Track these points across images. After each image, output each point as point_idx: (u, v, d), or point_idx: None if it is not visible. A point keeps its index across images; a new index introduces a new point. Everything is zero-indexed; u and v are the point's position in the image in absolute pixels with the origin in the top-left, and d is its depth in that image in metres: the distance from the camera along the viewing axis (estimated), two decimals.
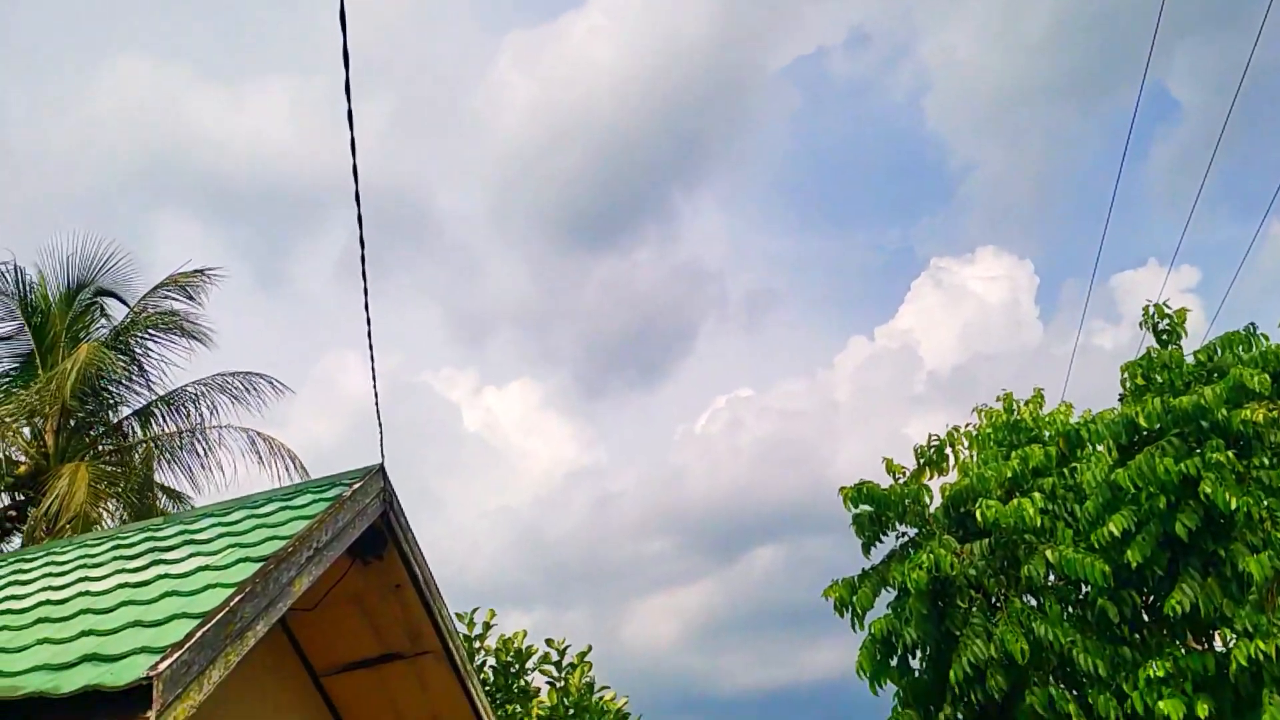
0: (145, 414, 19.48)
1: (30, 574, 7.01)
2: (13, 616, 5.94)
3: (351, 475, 7.64)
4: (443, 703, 8.89)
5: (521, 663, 18.28)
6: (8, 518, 17.75)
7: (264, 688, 7.64)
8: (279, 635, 8.08)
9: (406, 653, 8.57)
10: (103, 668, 4.86)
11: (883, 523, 14.28)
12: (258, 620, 5.61)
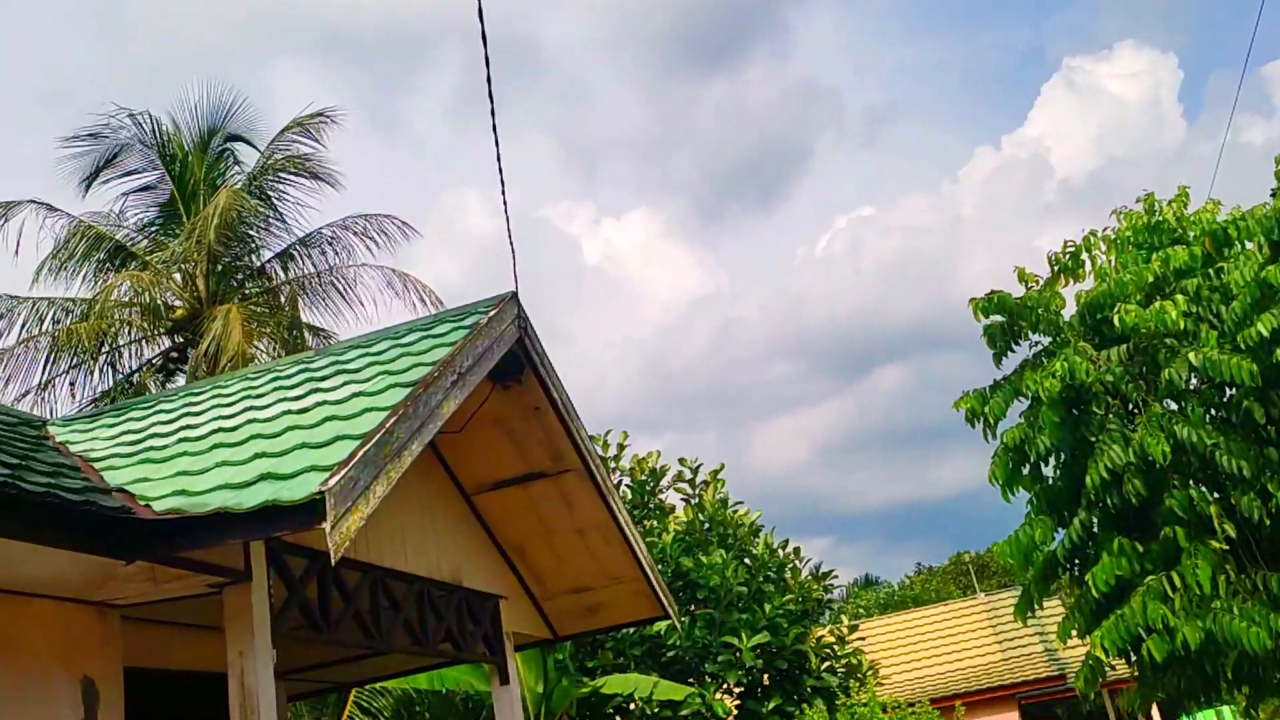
0: (285, 256, 20.26)
1: (200, 406, 7.53)
2: (190, 444, 6.43)
3: (486, 303, 7.89)
4: (586, 518, 9.35)
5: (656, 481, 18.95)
6: (170, 359, 18.93)
7: (421, 504, 8.15)
8: (430, 457, 8.56)
9: (549, 471, 9.00)
10: (278, 485, 5.26)
11: (1015, 332, 14.05)
12: (412, 440, 5.96)
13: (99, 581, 5.84)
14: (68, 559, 5.33)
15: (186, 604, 6.62)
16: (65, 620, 6.06)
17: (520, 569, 9.78)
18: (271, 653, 5.95)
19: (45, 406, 17.90)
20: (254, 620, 5.88)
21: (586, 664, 14.32)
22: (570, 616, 10.39)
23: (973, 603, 33.06)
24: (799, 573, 16.66)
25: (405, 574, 7.74)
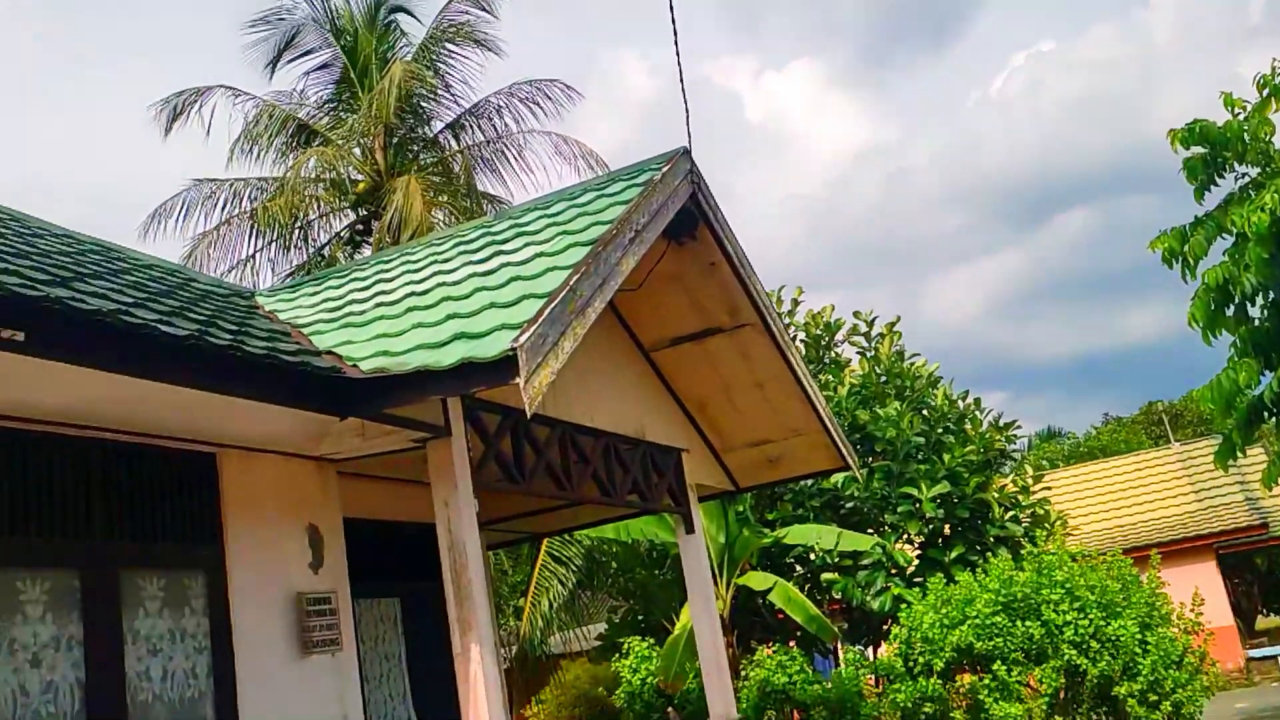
0: (456, 126, 20.64)
1: (392, 273, 7.88)
2: (386, 308, 6.76)
3: (659, 160, 7.88)
4: (764, 371, 9.42)
5: (831, 336, 18.82)
6: (356, 231, 19.76)
7: (604, 362, 8.38)
8: (610, 315, 8.74)
9: (726, 326, 9.07)
10: (472, 343, 5.51)
11: (1218, 165, 13.05)
12: (595, 297, 6.10)
13: (316, 437, 6.31)
14: (289, 416, 5.77)
15: (393, 460, 7.08)
16: (291, 474, 6.60)
17: (701, 423, 9.99)
18: (474, 502, 6.33)
19: (249, 280, 19.10)
20: (456, 472, 6.24)
21: (766, 516, 14.63)
22: (750, 469, 10.60)
23: (1166, 452, 31.87)
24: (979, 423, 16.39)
25: (592, 429, 8.03)
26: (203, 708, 5.74)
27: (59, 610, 5.16)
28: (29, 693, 4.93)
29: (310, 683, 6.32)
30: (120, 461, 5.59)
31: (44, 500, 5.17)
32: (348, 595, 6.81)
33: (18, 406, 4.94)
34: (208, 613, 5.91)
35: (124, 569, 5.51)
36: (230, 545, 6.08)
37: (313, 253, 19.51)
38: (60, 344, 4.27)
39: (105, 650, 5.29)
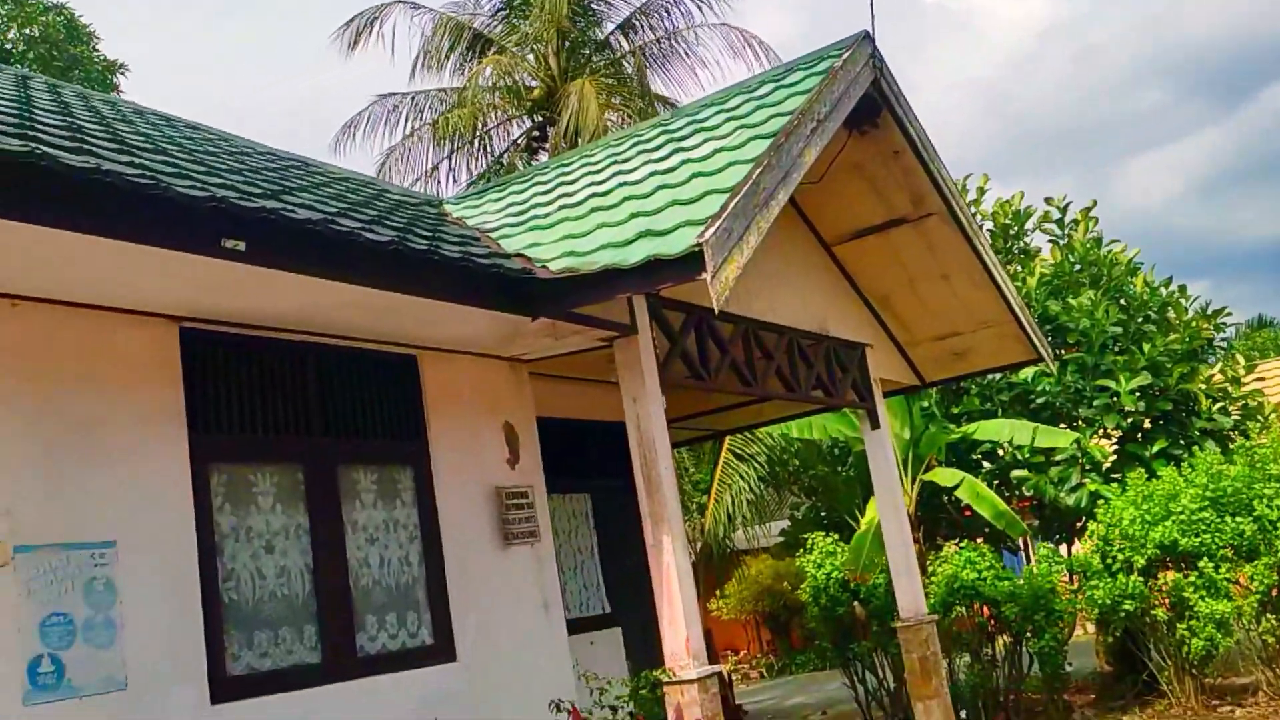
0: (626, 27, 20.47)
1: (573, 176, 7.96)
2: (570, 210, 6.86)
3: (838, 47, 7.62)
4: (951, 261, 9.12)
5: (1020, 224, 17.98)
6: (533, 138, 20.02)
7: (785, 257, 8.29)
8: (790, 210, 8.60)
9: (910, 216, 8.79)
10: (656, 241, 5.54)
11: None
12: (778, 190, 6.02)
13: (509, 338, 6.52)
14: (482, 318, 5.97)
15: (581, 361, 7.27)
16: (486, 374, 6.87)
17: (885, 317, 9.80)
18: (661, 399, 6.43)
19: (434, 192, 19.70)
20: (643, 369, 6.34)
21: (952, 410, 14.29)
22: (937, 362, 10.37)
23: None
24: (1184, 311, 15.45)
25: (775, 325, 7.99)
26: (416, 592, 6.13)
27: (287, 501, 5.58)
28: (265, 576, 5.38)
29: (511, 571, 6.66)
30: (334, 364, 5.94)
31: (270, 400, 5.55)
32: (543, 489, 7.09)
33: (243, 314, 5.30)
34: (416, 504, 6.27)
35: (341, 464, 5.90)
36: (434, 442, 6.41)
37: (491, 161, 19.91)
38: (275, 252, 4.54)
39: (328, 538, 5.70)
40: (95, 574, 4.56)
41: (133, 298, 4.85)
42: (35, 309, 4.60)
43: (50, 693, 4.29)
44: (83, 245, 4.03)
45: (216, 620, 5.00)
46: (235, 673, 5.07)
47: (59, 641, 4.37)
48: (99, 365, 4.79)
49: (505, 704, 6.10)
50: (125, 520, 4.71)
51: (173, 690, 4.70)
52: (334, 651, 5.53)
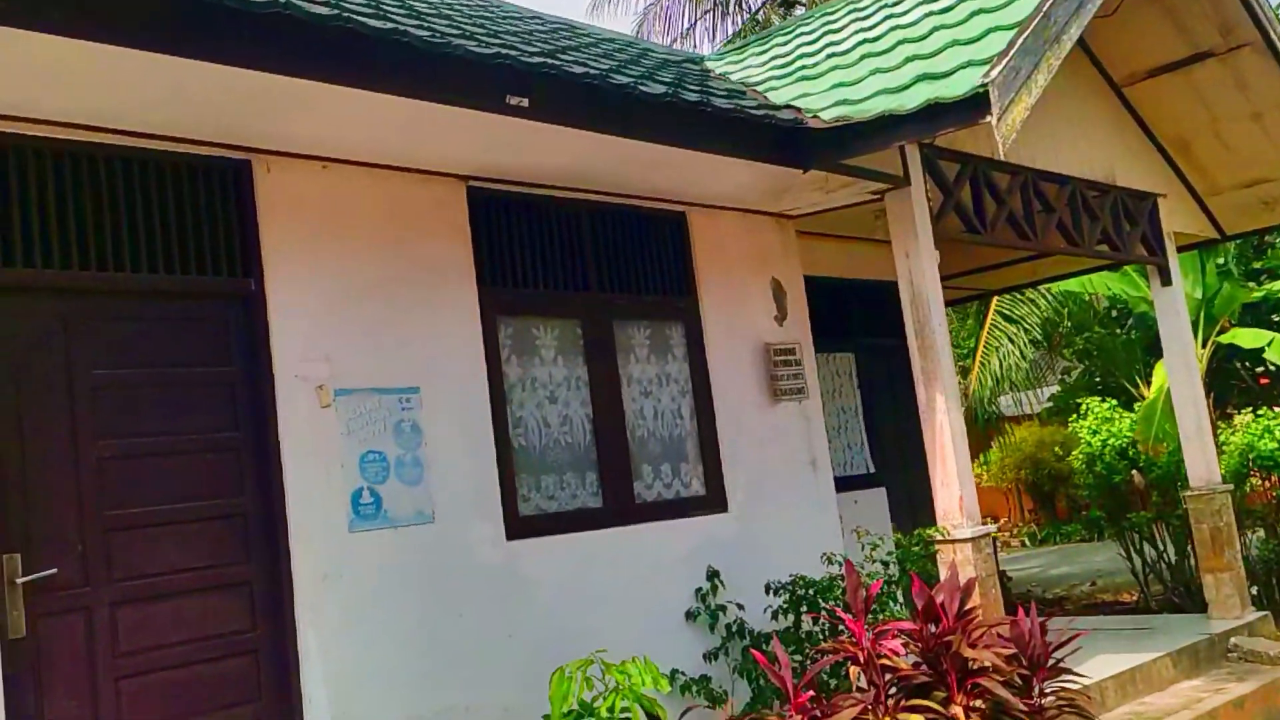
0: None
1: (839, 24, 7.63)
2: (839, 58, 6.60)
3: None
4: (1264, 98, 8.19)
5: None
6: None
7: (1070, 100, 7.69)
8: (1075, 48, 7.92)
9: (1217, 49, 7.92)
10: (935, 84, 5.26)
11: None
12: (1070, 24, 5.56)
13: (778, 193, 6.44)
14: (752, 172, 5.91)
15: (847, 219, 7.10)
16: (753, 230, 6.83)
17: (1180, 165, 8.97)
18: (935, 253, 6.21)
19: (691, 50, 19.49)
20: (916, 223, 6.13)
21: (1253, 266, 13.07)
22: (1240, 212, 9.43)
23: None
24: None
25: (1056, 174, 7.48)
26: (688, 445, 6.31)
27: (567, 354, 5.82)
28: (550, 424, 5.67)
29: (780, 427, 6.72)
30: (608, 221, 6.07)
31: (549, 257, 5.76)
32: (810, 347, 7.06)
33: (524, 172, 5.47)
34: (687, 359, 6.40)
35: (616, 319, 6.07)
36: (703, 298, 6.48)
37: (747, 19, 19.44)
38: (556, 108, 4.63)
39: (606, 390, 5.92)
40: (403, 417, 4.94)
41: (425, 158, 5.09)
42: (343, 170, 4.91)
43: (370, 521, 4.73)
44: (383, 106, 4.24)
45: (508, 464, 5.33)
46: (525, 513, 5.41)
47: (375, 477, 4.79)
48: (399, 223, 5.09)
49: (774, 555, 6.24)
50: (426, 368, 5.05)
51: (473, 525, 5.08)
52: (614, 497, 5.80)
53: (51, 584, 3.89)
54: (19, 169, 4.01)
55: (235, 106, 4.17)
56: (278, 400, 4.54)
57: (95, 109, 4.03)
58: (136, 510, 4.17)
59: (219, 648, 4.28)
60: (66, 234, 4.10)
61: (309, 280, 4.73)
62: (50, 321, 4.08)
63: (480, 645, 4.96)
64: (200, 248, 4.46)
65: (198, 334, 4.46)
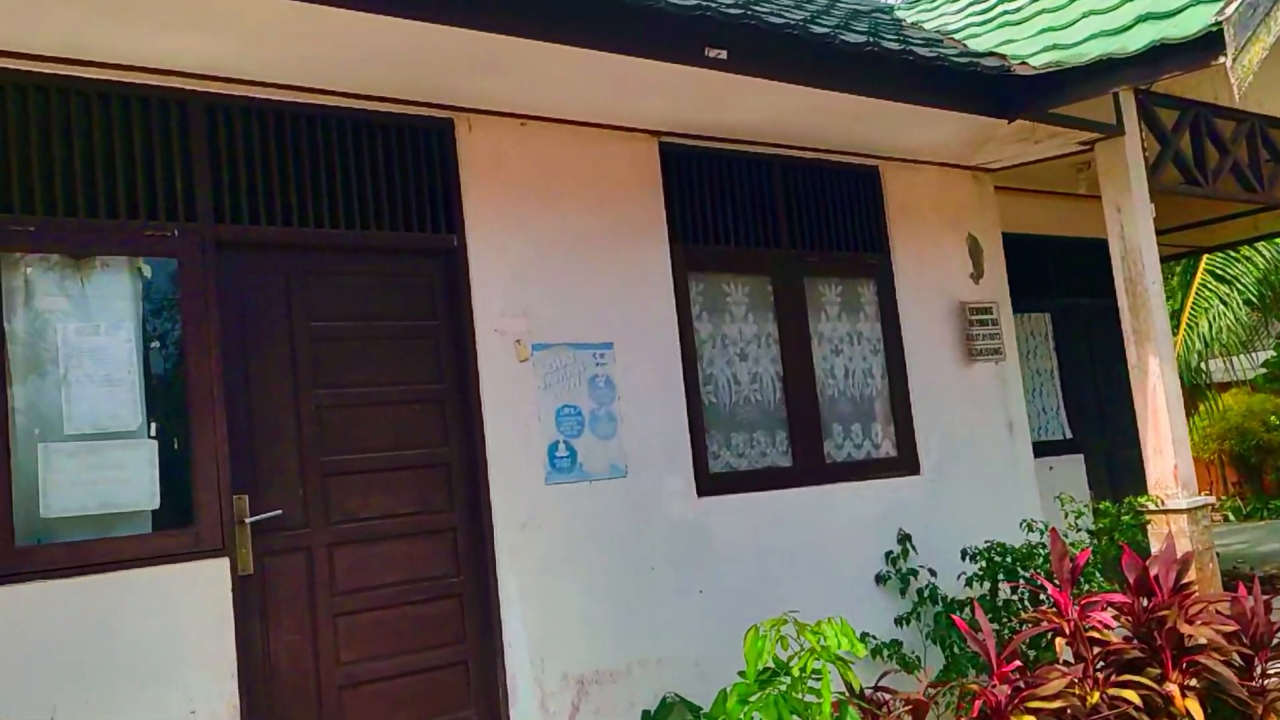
0: None
1: None
2: (1048, 1, 6.25)
3: None
4: None
5: None
6: None
7: None
8: None
9: None
10: (1160, 24, 4.92)
11: None
12: None
13: (977, 145, 6.17)
14: (952, 124, 5.68)
15: (1043, 172, 6.76)
16: (949, 185, 6.58)
17: None
18: (1149, 206, 5.86)
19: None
20: (1129, 174, 5.80)
21: None
22: None
23: None
24: None
25: None
26: (879, 405, 6.16)
27: (757, 311, 5.76)
28: (740, 381, 5.63)
29: (975, 388, 6.48)
30: (799, 177, 5.95)
31: (740, 212, 5.69)
32: (1008, 306, 6.77)
33: (715, 127, 5.41)
34: (879, 317, 6.23)
35: (806, 276, 5.96)
36: (896, 255, 6.29)
37: None
38: (753, 59, 4.55)
39: (796, 348, 5.83)
40: (597, 372, 5.00)
41: (620, 114, 5.09)
42: (540, 128, 4.97)
43: (566, 474, 4.82)
44: (582, 61, 4.26)
45: (698, 420, 5.33)
46: (715, 470, 5.41)
47: (570, 430, 4.87)
48: (594, 180, 5.12)
49: (969, 520, 6.05)
50: (619, 324, 5.09)
51: (665, 481, 5.11)
52: (803, 456, 5.73)
53: (275, 525, 4.11)
54: (245, 132, 4.21)
55: (440, 66, 4.26)
56: (478, 354, 4.66)
57: (314, 72, 4.19)
58: (350, 457, 4.36)
59: (426, 590, 4.45)
60: (287, 193, 4.29)
61: (507, 236, 4.82)
62: (274, 276, 4.29)
63: (671, 599, 5.00)
64: (407, 205, 4.60)
65: (404, 289, 4.61)
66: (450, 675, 4.46)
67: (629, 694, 4.79)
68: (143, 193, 3.96)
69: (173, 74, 4.01)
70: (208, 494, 3.93)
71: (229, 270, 4.14)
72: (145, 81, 3.97)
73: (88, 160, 3.87)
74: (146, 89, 3.99)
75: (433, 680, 4.41)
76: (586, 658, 4.70)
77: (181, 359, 3.99)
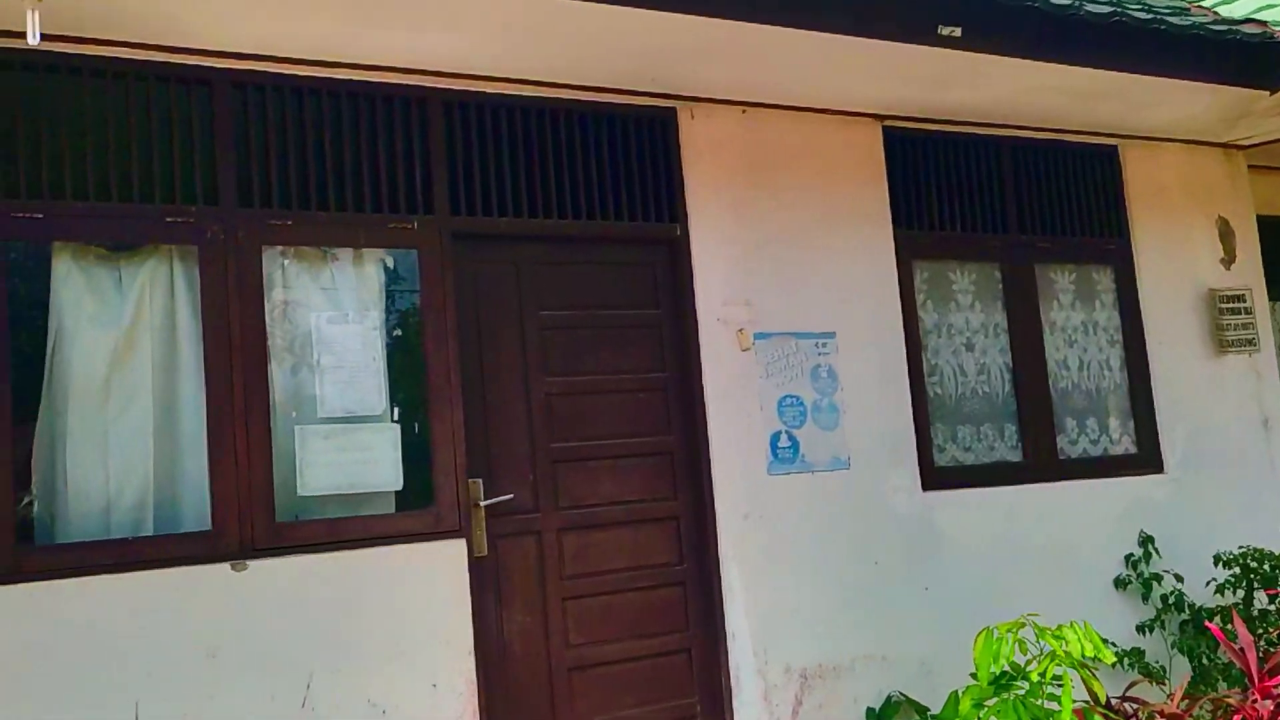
0: None
1: None
2: None
3: None
4: None
5: None
6: None
7: None
8: None
9: None
10: None
11: None
12: None
13: (1231, 120, 5.72)
14: (1205, 98, 5.29)
15: None
16: (1195, 164, 6.14)
17: None
18: None
19: None
20: None
21: None
22: None
23: None
24: None
25: None
26: (1117, 398, 5.81)
27: (985, 299, 5.52)
28: (966, 373, 5.42)
29: (1225, 382, 6.03)
30: (1030, 158, 5.68)
31: (966, 197, 5.47)
32: (1264, 294, 6.26)
33: (941, 109, 5.22)
34: (1117, 306, 5.88)
35: (1037, 263, 5.68)
36: (1136, 239, 5.91)
37: None
38: (989, 35, 4.36)
39: (1027, 338, 5.56)
40: (819, 362, 4.91)
41: (841, 99, 4.98)
42: (761, 114, 4.92)
43: (788, 465, 4.76)
44: (805, 44, 4.18)
45: (923, 412, 5.15)
46: (941, 464, 5.22)
47: (793, 420, 4.80)
48: (815, 166, 5.03)
49: (1219, 523, 5.63)
50: (841, 313, 4.98)
51: (889, 474, 4.97)
52: (1035, 452, 5.46)
53: (507, 508, 4.23)
54: (479, 126, 4.34)
55: (668, 55, 4.26)
56: (700, 343, 4.65)
57: (546, 66, 4.27)
58: (577, 444, 4.43)
59: (650, 577, 4.48)
60: (518, 184, 4.40)
61: (728, 225, 4.79)
62: (505, 266, 4.41)
63: (896, 595, 4.86)
64: (630, 195, 4.64)
65: (628, 278, 4.66)
66: (674, 662, 4.48)
67: (853, 690, 4.69)
68: (386, 187, 4.14)
69: (414, 72, 4.17)
70: (446, 477, 4.07)
71: (463, 261, 4.27)
72: (389, 80, 4.15)
73: (338, 157, 4.07)
74: (391, 88, 4.16)
75: (657, 666, 4.44)
76: (810, 651, 4.63)
77: (420, 346, 4.15)
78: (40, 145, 3.59)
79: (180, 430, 3.76)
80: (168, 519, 3.71)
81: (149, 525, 3.67)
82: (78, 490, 3.60)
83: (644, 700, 4.39)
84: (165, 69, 3.78)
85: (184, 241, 3.79)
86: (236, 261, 3.83)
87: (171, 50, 3.76)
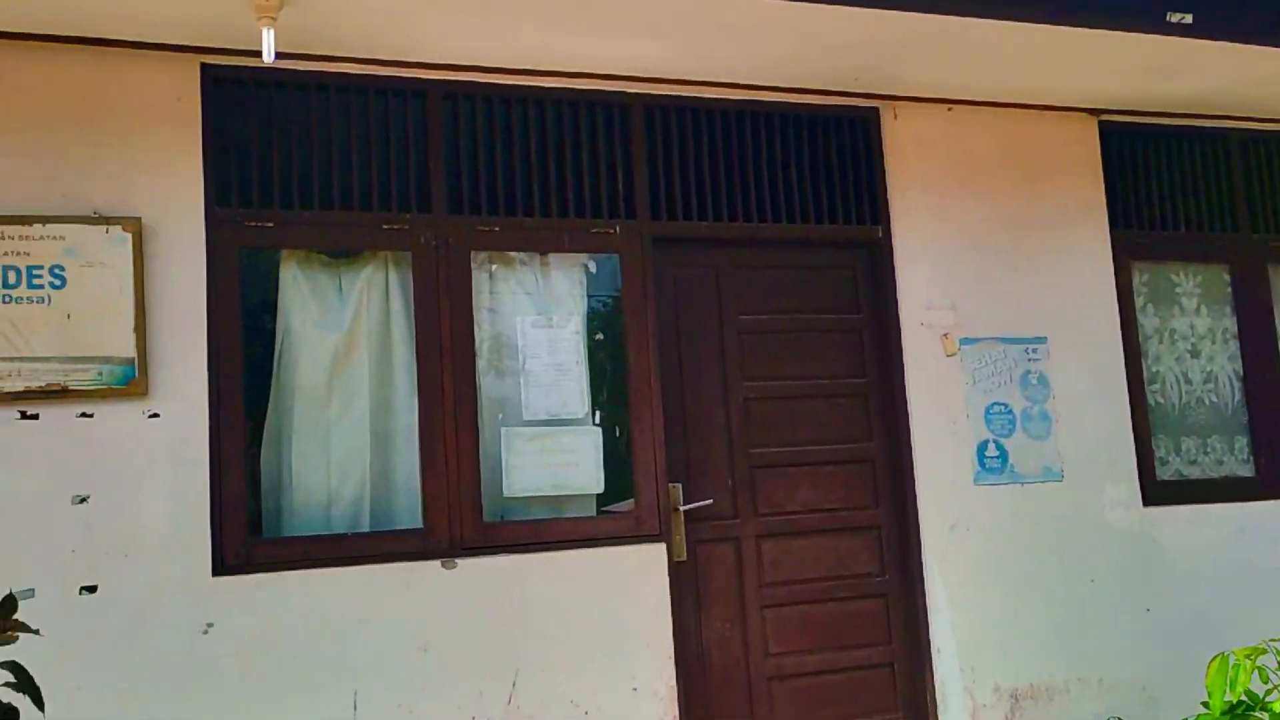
0: None
1: None
2: None
3: None
4: None
5: None
6: None
7: None
8: None
9: None
10: None
11: None
12: None
13: None
14: None
15: None
16: None
17: None
18: None
19: None
20: None
21: None
22: None
23: None
24: None
25: None
26: None
27: (1211, 303, 5.17)
28: (1191, 381, 5.08)
29: None
30: (1263, 150, 5.31)
31: (1190, 194, 5.14)
32: None
33: (1161, 101, 4.91)
34: None
35: (1272, 264, 5.28)
36: None
37: None
38: (1223, 21, 4.07)
39: (1259, 344, 5.18)
40: (1029, 368, 4.69)
41: (1053, 92, 4.75)
42: (966, 112, 4.75)
43: (995, 475, 4.56)
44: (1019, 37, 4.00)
45: (1143, 422, 4.85)
46: (1163, 477, 4.91)
47: (1001, 429, 4.60)
48: (1023, 164, 4.82)
49: None
50: (1053, 317, 4.74)
51: (1105, 487, 4.70)
52: (1268, 466, 5.06)
53: (705, 514, 4.20)
54: (679, 130, 4.34)
55: (871, 53, 4.15)
56: (904, 348, 4.51)
57: (747, 68, 4.24)
58: (777, 450, 4.37)
59: (851, 587, 4.37)
60: (717, 188, 4.37)
61: (932, 226, 4.64)
62: (704, 270, 4.39)
63: (1114, 615, 4.58)
64: (831, 197, 4.54)
65: (828, 281, 4.56)
66: (876, 676, 4.35)
67: (1067, 713, 4.45)
68: (588, 192, 4.19)
69: (616, 78, 4.21)
70: (646, 480, 4.08)
71: (663, 265, 4.28)
72: (592, 87, 4.20)
73: (542, 163, 4.14)
74: (593, 94, 4.21)
75: (858, 680, 4.32)
76: (1020, 670, 4.42)
77: (621, 350, 4.17)
78: (271, 157, 3.79)
79: (395, 430, 3.90)
80: (383, 516, 3.85)
81: (365, 522, 3.82)
82: (301, 486, 3.77)
83: (845, 714, 4.28)
84: (384, 82, 3.94)
85: (399, 248, 3.93)
86: (447, 267, 3.94)
87: (390, 64, 3.91)
